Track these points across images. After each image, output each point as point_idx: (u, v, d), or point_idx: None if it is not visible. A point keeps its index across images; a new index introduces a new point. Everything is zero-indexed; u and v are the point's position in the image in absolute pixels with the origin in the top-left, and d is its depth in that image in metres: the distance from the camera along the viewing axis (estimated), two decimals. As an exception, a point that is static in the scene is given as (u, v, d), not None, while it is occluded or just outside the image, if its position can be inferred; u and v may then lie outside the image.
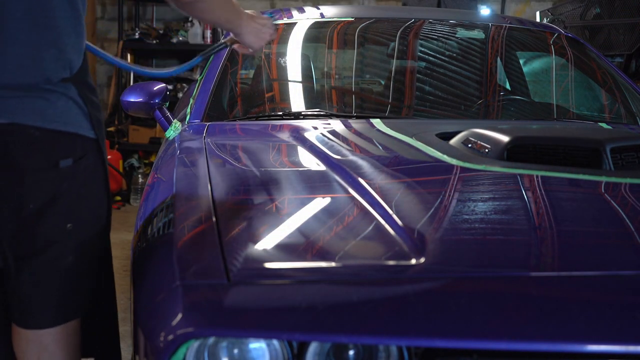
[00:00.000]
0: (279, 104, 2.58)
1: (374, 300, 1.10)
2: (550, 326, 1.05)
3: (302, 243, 1.28)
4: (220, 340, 1.09)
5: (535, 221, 1.38)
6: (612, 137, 1.77)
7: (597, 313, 1.09)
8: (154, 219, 1.46)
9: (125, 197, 5.85)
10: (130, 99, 2.53)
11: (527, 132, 1.95)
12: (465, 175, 1.64)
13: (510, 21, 3.01)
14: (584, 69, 2.83)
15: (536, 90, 2.93)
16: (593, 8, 4.98)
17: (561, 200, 1.55)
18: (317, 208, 1.44)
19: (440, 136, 1.93)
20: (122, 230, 4.96)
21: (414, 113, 2.53)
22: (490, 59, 2.79)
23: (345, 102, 2.65)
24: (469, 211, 1.43)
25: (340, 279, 1.15)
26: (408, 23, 2.82)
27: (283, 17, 2.81)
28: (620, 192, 1.56)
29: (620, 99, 2.65)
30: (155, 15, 6.28)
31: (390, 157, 1.87)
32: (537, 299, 1.12)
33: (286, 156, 1.90)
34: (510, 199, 1.54)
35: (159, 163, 1.96)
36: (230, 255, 1.18)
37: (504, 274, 1.18)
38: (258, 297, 1.11)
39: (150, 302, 1.15)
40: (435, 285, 1.14)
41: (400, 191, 1.53)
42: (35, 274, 1.37)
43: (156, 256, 1.28)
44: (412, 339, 1.04)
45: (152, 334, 1.09)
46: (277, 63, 2.72)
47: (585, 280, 1.17)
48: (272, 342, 1.09)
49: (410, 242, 1.24)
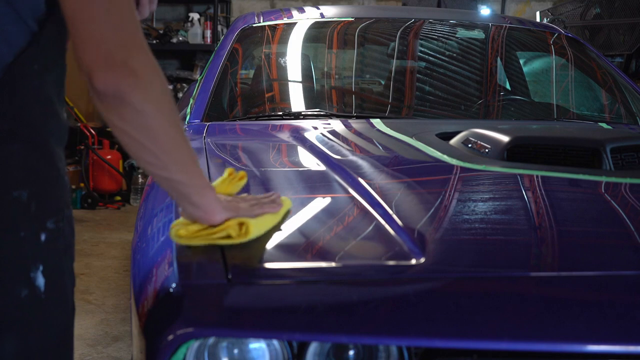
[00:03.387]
0: (279, 104, 2.58)
1: (374, 301, 1.10)
2: (550, 326, 1.04)
3: (302, 243, 1.28)
4: (220, 340, 1.08)
5: (535, 221, 1.38)
6: (612, 137, 1.77)
7: (597, 313, 1.09)
8: (154, 219, 1.46)
9: (125, 197, 5.86)
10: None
11: (527, 132, 1.95)
12: (465, 175, 1.63)
13: (510, 21, 3.01)
14: (584, 69, 2.83)
15: (536, 90, 2.93)
16: (593, 8, 4.98)
17: (561, 201, 1.54)
18: (317, 208, 1.44)
19: (440, 136, 1.93)
20: (122, 231, 4.96)
21: (414, 113, 2.53)
22: (490, 59, 2.79)
23: (345, 102, 2.65)
24: (469, 211, 1.43)
25: (340, 279, 1.15)
26: (408, 23, 2.82)
27: (283, 17, 2.81)
28: (620, 192, 1.56)
29: (620, 99, 2.65)
30: (155, 15, 6.29)
31: (390, 157, 1.86)
32: (537, 299, 1.12)
33: (286, 156, 1.90)
34: (510, 199, 1.54)
35: (159, 163, 1.95)
36: (230, 255, 1.17)
37: (504, 274, 1.18)
38: (258, 297, 1.10)
39: (150, 302, 1.15)
40: (436, 285, 1.14)
41: (400, 191, 1.52)
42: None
43: (156, 256, 1.28)
44: (412, 339, 1.04)
45: (152, 334, 1.08)
46: (277, 63, 2.72)
47: (585, 280, 1.17)
48: (272, 342, 1.08)
49: (410, 242, 1.24)
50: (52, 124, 1.13)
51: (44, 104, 1.12)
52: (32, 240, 1.10)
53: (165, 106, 1.10)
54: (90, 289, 3.73)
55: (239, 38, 2.70)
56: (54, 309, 1.15)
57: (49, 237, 1.12)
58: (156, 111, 1.08)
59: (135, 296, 1.24)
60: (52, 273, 1.13)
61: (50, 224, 1.12)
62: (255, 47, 2.84)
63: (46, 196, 1.11)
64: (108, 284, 3.82)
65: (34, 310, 1.11)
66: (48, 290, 1.12)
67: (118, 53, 1.04)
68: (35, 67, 1.09)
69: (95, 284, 3.82)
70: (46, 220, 1.11)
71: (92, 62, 1.04)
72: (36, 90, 1.10)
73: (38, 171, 1.10)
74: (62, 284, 1.17)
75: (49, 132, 1.12)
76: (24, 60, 1.08)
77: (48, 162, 1.11)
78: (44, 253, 1.11)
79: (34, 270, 1.10)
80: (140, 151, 1.12)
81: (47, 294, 1.12)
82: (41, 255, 1.11)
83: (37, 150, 1.09)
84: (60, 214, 1.14)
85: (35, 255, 1.10)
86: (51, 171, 1.12)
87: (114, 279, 3.90)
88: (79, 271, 3.98)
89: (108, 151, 5.85)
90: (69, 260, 1.19)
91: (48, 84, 1.12)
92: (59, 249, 1.15)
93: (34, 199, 1.09)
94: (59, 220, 1.14)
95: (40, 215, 1.10)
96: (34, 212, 1.09)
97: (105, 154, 5.78)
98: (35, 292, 1.10)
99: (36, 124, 1.10)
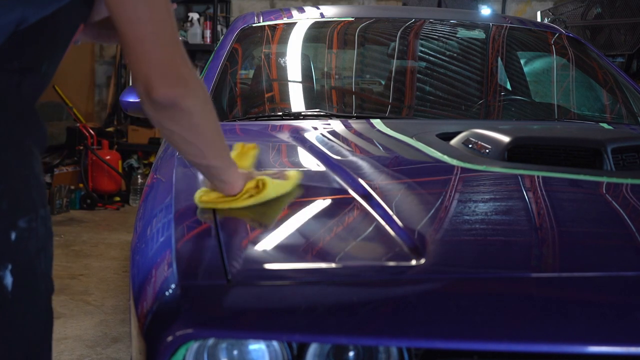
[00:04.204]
0: (279, 104, 2.58)
1: (374, 301, 1.10)
2: (551, 327, 1.04)
3: (302, 244, 1.28)
4: (220, 341, 1.08)
5: (536, 222, 1.38)
6: (613, 138, 1.77)
7: (598, 314, 1.09)
8: (154, 220, 1.46)
9: (124, 198, 5.86)
10: (129, 99, 2.53)
11: (527, 132, 1.94)
12: (465, 176, 1.63)
13: (511, 21, 3.01)
14: (585, 69, 2.83)
15: (537, 90, 2.92)
16: (594, 8, 4.98)
17: (562, 201, 1.54)
18: (316, 209, 1.44)
19: (441, 136, 1.93)
20: (121, 231, 4.96)
21: (414, 113, 2.53)
22: (491, 59, 2.79)
23: (345, 103, 2.65)
24: (469, 212, 1.42)
25: (340, 280, 1.14)
26: (408, 23, 2.82)
27: (283, 17, 2.80)
28: (621, 193, 1.56)
29: (621, 99, 2.64)
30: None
31: (391, 158, 1.86)
32: (538, 300, 1.11)
33: (286, 156, 1.89)
34: (511, 199, 1.54)
35: (159, 163, 1.95)
36: (229, 256, 1.17)
37: (505, 275, 1.18)
38: (258, 298, 1.10)
39: (150, 303, 1.14)
40: (436, 286, 1.14)
41: (401, 192, 1.52)
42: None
43: (155, 257, 1.27)
44: (413, 340, 1.04)
45: (152, 336, 1.08)
46: (277, 63, 2.72)
47: (586, 281, 1.16)
48: (271, 344, 1.08)
49: (411, 242, 1.23)
50: (30, 123, 1.14)
51: (21, 103, 1.13)
52: (1, 238, 1.09)
53: (208, 106, 1.27)
54: (89, 290, 3.73)
55: (238, 38, 2.70)
56: (23, 311, 1.13)
57: (20, 236, 1.11)
58: (202, 111, 1.24)
59: (135, 297, 1.24)
60: (22, 274, 1.12)
61: (22, 223, 1.11)
62: (255, 47, 2.84)
63: (19, 194, 1.11)
64: (107, 284, 3.82)
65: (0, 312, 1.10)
66: (16, 290, 1.11)
67: (170, 67, 1.17)
68: (15, 65, 1.11)
69: (94, 284, 3.82)
70: (17, 218, 1.11)
71: (149, 78, 1.16)
72: (14, 87, 1.11)
73: (11, 168, 1.10)
74: (34, 287, 1.15)
75: (25, 131, 1.13)
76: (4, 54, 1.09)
77: (22, 161, 1.12)
78: (13, 252, 1.10)
79: (2, 268, 1.09)
80: (186, 146, 1.28)
81: (14, 294, 1.11)
82: (10, 254, 1.10)
83: (11, 147, 1.10)
84: (34, 214, 1.13)
85: (3, 253, 1.09)
86: (24, 170, 1.12)
87: (113, 279, 3.90)
88: (78, 272, 3.98)
89: (107, 151, 5.85)
90: (42, 263, 1.17)
91: (27, 86, 1.13)
92: (29, 250, 1.13)
93: (5, 196, 1.09)
94: (32, 219, 1.13)
95: (11, 213, 1.10)
96: (5, 209, 1.09)
97: (105, 154, 5.78)
98: (1, 291, 1.09)
99: (11, 122, 1.11)
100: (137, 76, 1.18)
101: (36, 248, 1.14)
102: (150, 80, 1.16)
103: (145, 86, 1.17)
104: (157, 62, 1.16)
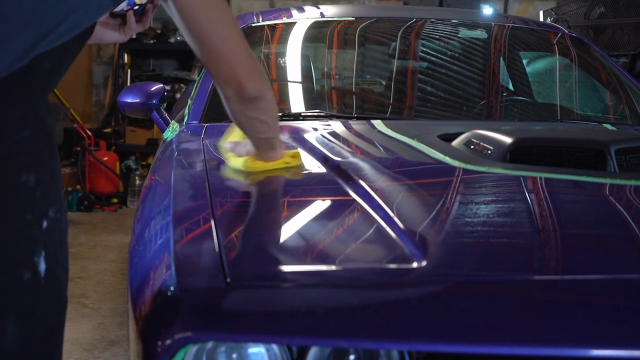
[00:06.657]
0: (279, 104, 2.57)
1: (375, 304, 1.09)
2: (553, 330, 1.03)
3: (302, 246, 1.27)
4: (219, 344, 1.07)
5: (538, 224, 1.37)
6: (616, 139, 1.76)
7: (601, 317, 1.08)
8: (152, 222, 1.45)
9: (122, 199, 5.84)
10: (127, 100, 2.52)
11: (530, 133, 1.94)
12: (467, 177, 1.62)
13: (513, 21, 3.00)
14: (588, 69, 2.82)
15: (539, 90, 2.92)
16: (597, 7, 4.97)
17: (565, 203, 1.53)
18: (317, 210, 1.43)
19: (442, 137, 1.92)
20: (119, 233, 4.95)
21: (415, 114, 2.52)
22: (493, 59, 2.78)
23: (346, 103, 2.64)
24: (471, 214, 1.42)
25: (340, 282, 1.14)
26: (409, 23, 2.81)
27: (282, 17, 2.79)
28: (624, 194, 1.55)
29: (624, 99, 2.64)
30: (154, 15, 6.28)
31: (392, 159, 1.85)
32: (540, 303, 1.11)
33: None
34: (513, 201, 1.53)
35: (157, 165, 1.95)
36: (229, 258, 1.16)
37: (507, 277, 1.17)
38: (257, 300, 1.09)
39: (148, 306, 1.14)
40: (438, 288, 1.13)
41: (402, 193, 1.51)
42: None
43: (154, 259, 1.27)
44: (414, 344, 1.03)
45: (150, 339, 1.07)
46: (277, 63, 2.71)
47: (589, 283, 1.15)
48: (271, 347, 1.07)
49: (412, 245, 1.22)
50: (51, 119, 1.21)
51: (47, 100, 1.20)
52: (36, 225, 1.14)
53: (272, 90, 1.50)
54: (86, 293, 3.71)
55: (238, 38, 2.68)
56: (50, 298, 1.18)
57: (50, 225, 1.16)
58: (273, 96, 1.48)
59: (133, 300, 1.23)
60: (51, 261, 1.17)
61: (51, 213, 1.17)
62: (254, 47, 2.82)
63: (49, 185, 1.17)
64: (105, 287, 3.81)
65: (33, 295, 1.14)
66: (47, 277, 1.16)
67: (252, 66, 1.41)
68: (46, 66, 1.17)
69: (91, 287, 3.80)
70: (48, 208, 1.16)
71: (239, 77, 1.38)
72: (45, 85, 1.19)
73: (43, 159, 1.17)
74: (57, 275, 1.20)
75: (51, 124, 1.20)
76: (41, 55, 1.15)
77: (51, 152, 1.18)
78: (45, 240, 1.15)
79: (38, 254, 1.14)
80: (261, 126, 1.49)
81: (45, 280, 1.16)
82: (43, 241, 1.15)
83: (42, 139, 1.17)
84: (59, 205, 1.19)
85: (38, 240, 1.14)
86: (52, 161, 1.19)
87: (110, 282, 3.88)
88: (75, 274, 3.96)
89: (105, 153, 5.83)
90: (63, 254, 1.22)
91: (52, 85, 1.21)
92: (56, 239, 1.18)
93: (39, 186, 1.14)
94: (58, 210, 1.19)
95: (43, 203, 1.15)
96: (39, 198, 1.14)
97: (102, 155, 5.76)
98: (36, 277, 1.14)
99: (42, 115, 1.17)
100: (227, 79, 1.39)
101: (60, 238, 1.20)
102: (241, 80, 1.38)
103: (236, 87, 1.38)
104: (241, 60, 1.38)
